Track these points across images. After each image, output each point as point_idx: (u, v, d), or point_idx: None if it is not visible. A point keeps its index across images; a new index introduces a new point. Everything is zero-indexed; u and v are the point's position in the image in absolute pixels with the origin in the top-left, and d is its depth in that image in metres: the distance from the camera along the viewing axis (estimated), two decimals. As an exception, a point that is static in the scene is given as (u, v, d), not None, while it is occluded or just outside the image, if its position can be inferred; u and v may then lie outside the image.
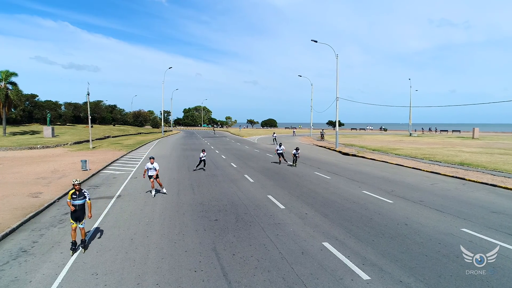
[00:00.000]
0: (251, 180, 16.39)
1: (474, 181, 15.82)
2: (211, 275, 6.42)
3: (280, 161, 22.04)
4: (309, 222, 9.69)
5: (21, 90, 42.91)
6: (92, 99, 70.92)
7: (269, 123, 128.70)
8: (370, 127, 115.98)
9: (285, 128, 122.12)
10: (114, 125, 70.45)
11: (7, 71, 41.10)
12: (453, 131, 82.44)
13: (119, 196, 13.38)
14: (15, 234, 9.08)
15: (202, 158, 18.94)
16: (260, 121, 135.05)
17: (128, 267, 6.82)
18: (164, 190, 13.35)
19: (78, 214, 7.78)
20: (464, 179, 16.43)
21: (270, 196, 12.90)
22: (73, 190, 7.88)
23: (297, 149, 21.05)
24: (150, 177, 12.81)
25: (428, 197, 12.80)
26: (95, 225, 9.64)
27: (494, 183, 14.95)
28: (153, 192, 12.98)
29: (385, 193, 13.38)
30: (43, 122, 57.90)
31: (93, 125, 62.38)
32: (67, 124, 62.49)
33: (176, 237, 8.52)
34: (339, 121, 38.82)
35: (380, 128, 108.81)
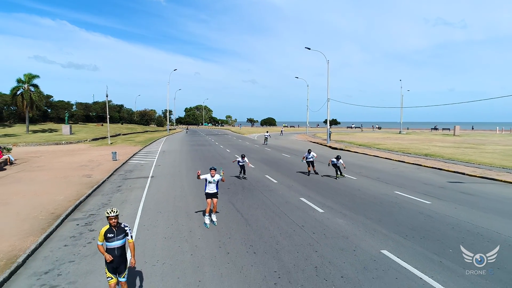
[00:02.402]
0: (252, 166, 20.61)
1: (427, 166, 20.13)
2: (230, 211, 10.71)
3: (309, 171, 17.61)
4: (293, 189, 13.99)
5: (42, 92, 47.17)
6: (96, 99, 74.97)
7: (268, 122, 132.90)
8: (377, 126, 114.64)
9: (284, 126, 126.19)
10: (122, 124, 74.63)
11: (30, 74, 45.28)
12: (443, 129, 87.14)
13: (152, 176, 17.64)
14: (91, 197, 13.29)
15: (241, 164, 16.38)
16: (259, 120, 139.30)
17: (178, 210, 11.08)
18: (215, 218, 9.47)
19: (118, 262, 5.30)
20: (420, 165, 20.74)
21: (267, 176, 17.20)
22: (107, 227, 5.32)
23: (337, 157, 16.51)
24: (208, 195, 9.36)
25: (384, 176, 17.12)
26: (145, 192, 13.86)
27: (441, 167, 19.27)
28: (208, 220, 9.25)
29: (354, 174, 17.67)
30: (57, 121, 62.03)
31: (103, 124, 66.53)
32: (79, 123, 66.60)
33: (202, 197, 12.75)
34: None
35: (352, 127, 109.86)
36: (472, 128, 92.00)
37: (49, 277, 6.50)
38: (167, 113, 79.87)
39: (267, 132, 44.89)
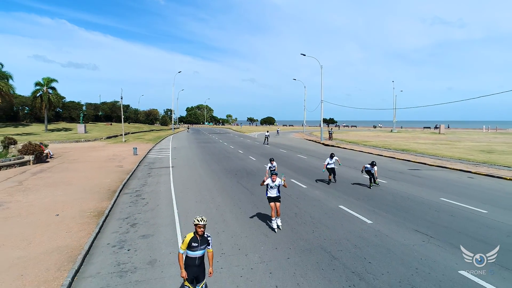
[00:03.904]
0: (254, 159, 24.71)
1: (399, 159, 24.17)
2: (239, 188, 14.73)
3: (329, 179, 15.56)
4: (286, 174, 17.92)
5: (59, 94, 51.11)
6: (100, 99, 78.92)
7: (268, 121, 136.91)
8: (380, 125, 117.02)
9: (283, 125, 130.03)
10: (129, 123, 78.57)
11: (48, 78, 49.24)
12: (435, 127, 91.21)
13: (172, 166, 21.65)
14: (131, 180, 17.28)
15: (272, 169, 14.91)
16: (259, 119, 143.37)
17: (200, 187, 15.10)
18: (279, 222, 9.47)
19: (197, 272, 5.20)
20: (394, 158, 24.78)
21: (266, 166, 21.20)
22: (192, 235, 5.14)
23: (372, 163, 14.54)
24: (270, 199, 9.40)
25: (360, 166, 21.11)
26: (171, 177, 17.85)
27: (409, 159, 23.29)
28: (275, 224, 9.30)
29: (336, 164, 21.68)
30: (69, 120, 66.01)
31: (112, 123, 70.53)
32: (89, 122, 70.57)
33: (217, 180, 16.82)
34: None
35: (348, 126, 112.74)
36: (448, 127, 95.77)
37: (129, 220, 10.52)
38: (172, 113, 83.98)
39: (267, 131, 44.61)
